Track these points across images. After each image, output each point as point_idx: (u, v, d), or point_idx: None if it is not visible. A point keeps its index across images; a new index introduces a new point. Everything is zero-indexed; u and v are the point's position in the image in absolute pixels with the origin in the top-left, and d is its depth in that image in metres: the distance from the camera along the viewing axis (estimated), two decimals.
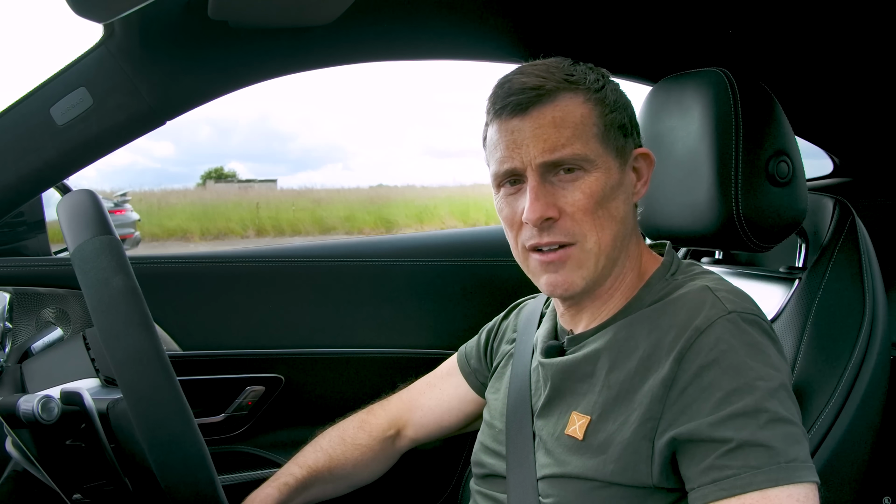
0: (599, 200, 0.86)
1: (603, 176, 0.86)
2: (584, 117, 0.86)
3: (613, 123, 0.88)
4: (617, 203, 0.88)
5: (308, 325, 1.51)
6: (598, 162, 0.86)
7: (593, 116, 0.87)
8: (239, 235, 13.62)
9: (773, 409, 0.76)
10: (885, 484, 1.36)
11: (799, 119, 1.54)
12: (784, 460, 0.74)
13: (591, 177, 0.86)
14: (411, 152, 44.68)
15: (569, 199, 0.86)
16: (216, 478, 0.71)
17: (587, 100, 0.87)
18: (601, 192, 0.86)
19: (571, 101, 0.87)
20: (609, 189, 0.87)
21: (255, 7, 1.15)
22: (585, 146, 0.86)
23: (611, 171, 0.87)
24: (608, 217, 0.87)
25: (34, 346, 1.09)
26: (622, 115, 0.90)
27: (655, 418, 0.81)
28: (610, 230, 0.88)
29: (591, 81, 0.89)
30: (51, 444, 0.85)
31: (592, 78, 0.89)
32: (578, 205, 0.86)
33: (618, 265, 0.91)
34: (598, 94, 0.88)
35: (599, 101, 0.88)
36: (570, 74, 0.88)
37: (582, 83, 0.88)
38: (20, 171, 1.21)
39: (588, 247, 0.87)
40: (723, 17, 1.37)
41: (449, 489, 1.51)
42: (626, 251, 0.92)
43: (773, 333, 0.85)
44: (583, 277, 0.88)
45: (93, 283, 0.72)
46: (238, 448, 1.42)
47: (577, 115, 0.86)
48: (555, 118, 0.86)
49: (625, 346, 0.87)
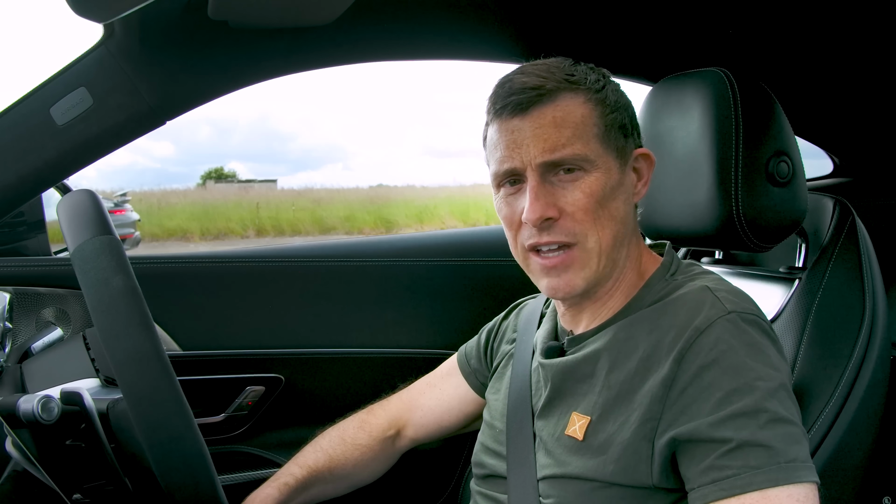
0: (600, 200, 0.86)
1: (603, 176, 0.86)
2: (585, 117, 0.86)
3: (614, 124, 0.88)
4: (617, 203, 0.88)
5: (308, 325, 1.51)
6: (598, 162, 0.86)
7: (594, 116, 0.87)
8: (239, 235, 13.62)
9: (773, 409, 0.76)
10: (885, 484, 1.36)
11: (799, 119, 1.54)
12: (784, 460, 0.74)
13: (591, 177, 0.86)
14: (411, 152, 44.71)
15: (569, 199, 0.86)
16: (216, 478, 0.71)
17: (588, 100, 0.87)
18: (601, 192, 0.86)
19: (572, 102, 0.87)
20: (609, 189, 0.87)
21: (255, 7, 1.15)
22: (586, 146, 0.86)
23: (611, 172, 0.87)
24: (609, 217, 0.87)
25: (34, 346, 1.09)
26: (623, 115, 0.90)
27: (655, 418, 0.81)
28: (610, 230, 0.87)
29: (592, 81, 0.89)
30: (51, 444, 0.85)
31: (593, 78, 0.89)
32: (579, 204, 0.86)
33: (618, 265, 0.91)
34: (599, 94, 0.88)
35: (600, 101, 0.88)
36: (571, 74, 0.88)
37: (583, 83, 0.88)
38: (20, 171, 1.21)
39: (589, 246, 0.87)
40: (723, 17, 1.37)
41: (449, 489, 1.51)
42: (626, 251, 0.92)
43: (773, 333, 0.85)
44: (584, 279, 0.88)
45: (93, 283, 0.72)
46: (238, 448, 1.42)
47: (577, 115, 0.86)
48: (555, 118, 0.85)
49: (625, 347, 0.87)
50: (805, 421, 0.96)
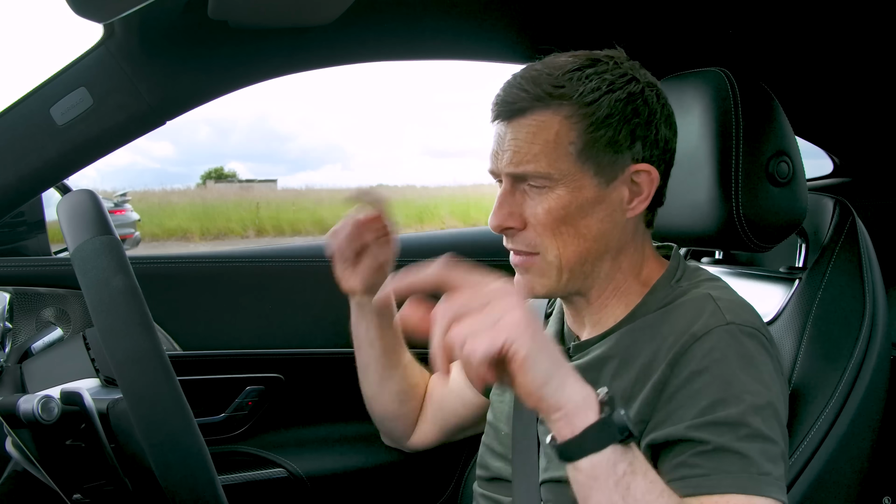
0: (561, 218, 0.85)
1: (569, 194, 0.84)
2: (560, 135, 0.84)
3: (599, 140, 0.84)
4: (588, 221, 0.86)
5: (308, 325, 1.51)
6: (564, 180, 0.84)
7: (571, 134, 0.84)
8: (239, 235, 13.62)
9: (755, 426, 0.76)
10: (885, 484, 1.36)
11: (799, 119, 1.54)
12: (757, 472, 0.74)
13: (553, 193, 0.85)
14: (411, 152, 44.64)
15: (531, 212, 0.86)
16: (216, 478, 0.71)
17: (570, 115, 0.84)
18: (563, 210, 0.84)
19: (551, 117, 0.84)
20: (575, 207, 0.84)
21: (254, 7, 1.15)
22: (551, 164, 0.84)
23: (582, 190, 0.84)
24: (573, 234, 0.86)
25: (34, 346, 1.09)
26: (617, 129, 0.85)
27: (645, 421, 0.81)
28: (574, 247, 0.86)
29: (585, 93, 0.84)
30: (51, 444, 0.85)
31: (590, 87, 0.84)
32: (539, 219, 0.85)
33: (599, 278, 0.90)
34: (587, 108, 0.84)
35: (585, 116, 0.84)
36: (559, 86, 0.84)
37: (568, 97, 0.84)
38: (20, 171, 1.20)
39: (549, 259, 0.87)
40: (723, 17, 1.37)
41: (449, 489, 1.51)
42: (612, 265, 0.90)
43: (773, 349, 0.84)
44: (543, 286, 0.88)
45: (93, 283, 0.72)
46: (238, 448, 1.42)
47: (551, 132, 0.84)
48: (529, 132, 0.84)
49: (627, 354, 0.87)
50: (805, 421, 0.96)
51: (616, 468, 0.68)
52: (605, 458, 0.68)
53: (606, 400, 0.70)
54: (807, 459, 0.95)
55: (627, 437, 0.69)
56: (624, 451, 0.69)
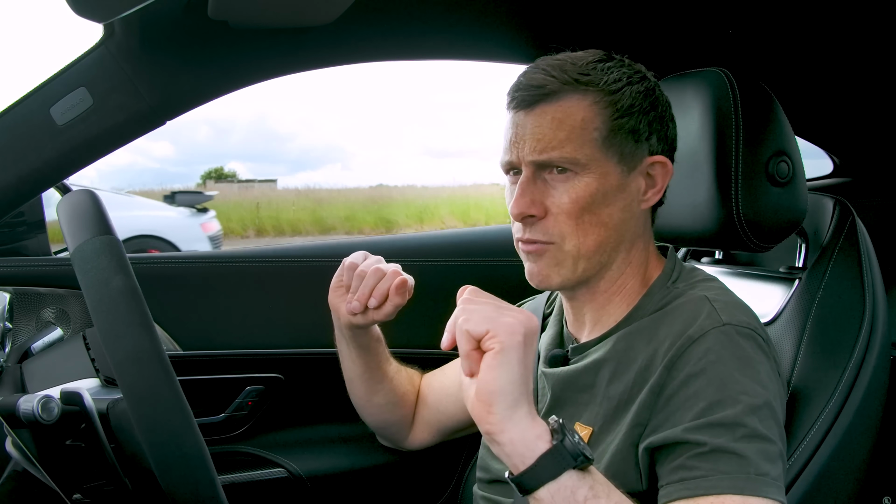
0: (586, 206, 0.85)
1: (595, 181, 0.85)
2: (586, 120, 0.85)
3: (622, 128, 0.86)
4: (611, 209, 0.87)
5: (308, 325, 1.51)
6: (591, 166, 0.85)
7: (597, 120, 0.86)
8: (239, 235, 13.61)
9: (752, 426, 0.76)
10: (885, 484, 1.36)
11: (799, 119, 1.54)
12: (755, 472, 0.74)
13: (581, 181, 0.85)
14: (411, 152, 44.60)
15: (555, 200, 0.86)
16: (216, 478, 0.71)
17: (595, 102, 0.86)
18: (589, 198, 0.85)
19: (577, 103, 0.86)
20: (601, 195, 0.86)
21: (254, 7, 1.15)
22: (578, 150, 0.85)
23: (608, 177, 0.86)
24: (595, 223, 0.86)
25: (34, 346, 1.09)
26: (638, 119, 0.87)
27: (643, 424, 0.82)
28: (595, 236, 0.87)
29: (609, 82, 0.86)
30: (51, 444, 0.85)
31: (613, 77, 0.87)
32: (563, 208, 0.86)
33: (611, 269, 0.91)
34: (612, 96, 0.86)
35: (610, 103, 0.86)
36: (584, 73, 0.86)
37: (595, 84, 0.86)
38: (20, 171, 1.20)
39: (566, 249, 0.87)
40: (723, 17, 1.37)
41: (449, 489, 1.51)
42: (624, 257, 0.91)
43: (769, 349, 0.84)
44: (559, 275, 0.89)
45: (93, 283, 0.72)
46: (238, 448, 1.42)
47: (577, 117, 0.85)
48: (554, 118, 0.85)
49: (624, 357, 0.87)
50: (805, 421, 0.96)
51: (576, 495, 0.69)
52: (562, 486, 0.68)
53: (557, 427, 0.70)
54: (807, 459, 0.95)
55: (582, 461, 0.69)
56: (582, 477, 0.69)
